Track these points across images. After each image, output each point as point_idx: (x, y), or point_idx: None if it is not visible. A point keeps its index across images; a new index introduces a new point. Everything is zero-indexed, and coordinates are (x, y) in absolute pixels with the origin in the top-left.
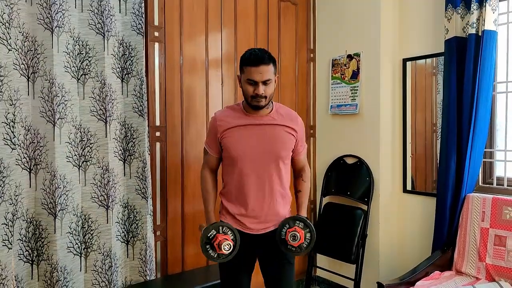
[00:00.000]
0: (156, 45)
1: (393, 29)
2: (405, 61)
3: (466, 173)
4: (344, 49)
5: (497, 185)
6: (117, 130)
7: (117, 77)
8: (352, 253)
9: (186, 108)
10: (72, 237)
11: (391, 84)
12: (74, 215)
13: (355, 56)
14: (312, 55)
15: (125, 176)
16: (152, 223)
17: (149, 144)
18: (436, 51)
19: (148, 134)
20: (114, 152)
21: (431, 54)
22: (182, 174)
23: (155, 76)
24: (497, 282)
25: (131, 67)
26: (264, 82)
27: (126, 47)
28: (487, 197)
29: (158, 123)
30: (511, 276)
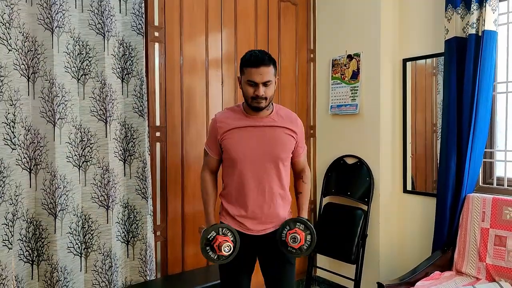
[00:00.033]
0: (156, 45)
1: (393, 29)
2: (405, 61)
3: (466, 173)
4: (344, 49)
5: (497, 185)
6: (117, 130)
7: (117, 77)
8: (352, 253)
9: (186, 108)
10: (72, 237)
11: (391, 84)
12: (74, 215)
13: (355, 56)
14: (312, 55)
15: (125, 176)
16: (152, 223)
17: (149, 144)
18: (436, 51)
19: (148, 134)
20: (114, 152)
21: (431, 54)
22: (182, 174)
23: (155, 76)
24: (497, 282)
25: (131, 67)
26: (264, 83)
27: (126, 47)
28: (487, 197)
29: (158, 123)
30: (511, 276)
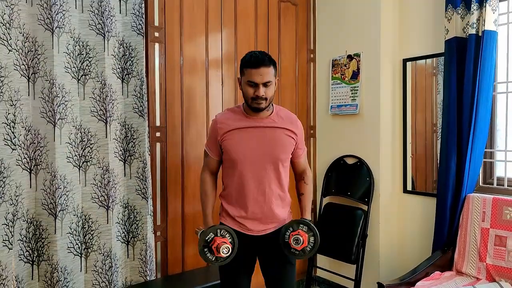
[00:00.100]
0: (156, 45)
1: (393, 30)
2: (405, 61)
3: (466, 173)
4: (344, 49)
5: (497, 185)
6: (117, 131)
7: (118, 77)
8: (352, 253)
9: (186, 108)
10: (73, 237)
11: (391, 85)
12: (75, 215)
13: (355, 57)
14: (312, 55)
15: (125, 177)
16: (152, 223)
17: (149, 145)
18: (436, 51)
19: (148, 135)
20: (115, 152)
21: (431, 54)
22: (182, 174)
23: (155, 77)
24: (498, 283)
25: (131, 67)
26: (264, 84)
27: (127, 47)
28: (487, 197)
29: (158, 123)
30: (511, 276)
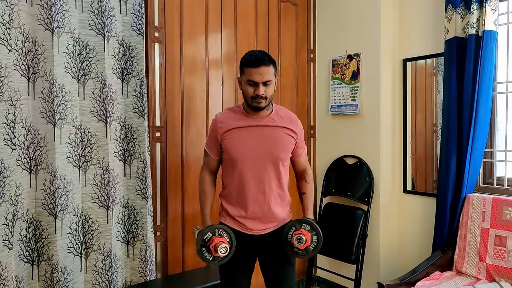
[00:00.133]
0: (156, 45)
1: (393, 30)
2: (405, 61)
3: (466, 173)
4: (344, 49)
5: (497, 185)
6: (117, 131)
7: (118, 77)
8: (352, 253)
9: (186, 108)
10: (73, 237)
11: (391, 85)
12: (75, 215)
13: (355, 57)
14: (312, 55)
15: (125, 177)
16: (152, 223)
17: (149, 145)
18: (436, 51)
19: (148, 135)
20: (115, 152)
21: (431, 54)
22: (182, 174)
23: (155, 77)
24: (498, 283)
25: (131, 67)
26: (264, 83)
27: (127, 47)
28: (487, 197)
29: (158, 123)
30: (511, 276)
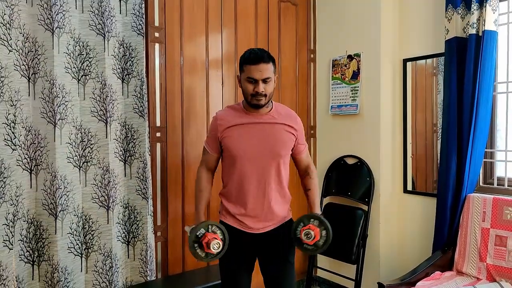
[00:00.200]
0: (157, 45)
1: (393, 30)
2: (405, 61)
3: (466, 173)
4: (344, 49)
5: (497, 185)
6: (117, 131)
7: (118, 77)
8: (353, 254)
9: (186, 108)
10: (73, 237)
11: (391, 85)
12: (75, 215)
13: (355, 57)
14: (312, 55)
15: (125, 177)
16: (152, 223)
17: (149, 145)
18: (437, 51)
19: (149, 135)
20: (115, 152)
21: (431, 54)
22: (182, 174)
23: (156, 77)
24: (498, 283)
25: (131, 67)
26: (264, 80)
27: (127, 47)
28: (487, 197)
29: (158, 123)
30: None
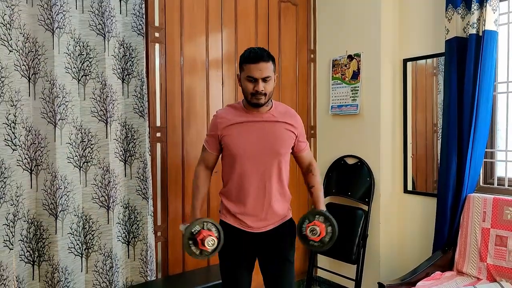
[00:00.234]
0: (157, 46)
1: (393, 30)
2: (405, 61)
3: (466, 173)
4: (344, 49)
5: (498, 185)
6: (117, 131)
7: (118, 78)
8: (353, 254)
9: (186, 108)
10: (73, 237)
11: (391, 85)
12: (75, 215)
13: (355, 57)
14: (312, 55)
15: (125, 177)
16: (152, 223)
17: (149, 145)
18: (437, 51)
19: (149, 135)
20: (115, 153)
21: (431, 54)
22: (182, 174)
23: (156, 77)
24: (498, 283)
25: (131, 68)
26: (263, 79)
27: (127, 48)
28: (488, 197)
29: (158, 123)
30: None
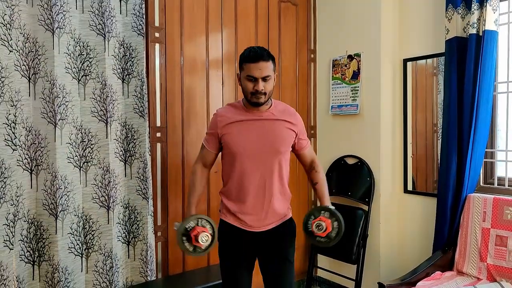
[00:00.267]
0: (157, 46)
1: (393, 30)
2: (405, 61)
3: (467, 173)
4: (344, 49)
5: (498, 185)
6: (117, 131)
7: (118, 78)
8: (353, 254)
9: (186, 108)
10: (73, 237)
11: (391, 85)
12: (75, 215)
13: (355, 57)
14: (312, 55)
15: (126, 177)
16: (153, 223)
17: (149, 145)
18: (437, 51)
19: (149, 135)
20: (115, 153)
21: (431, 54)
22: (182, 174)
23: (156, 77)
24: (498, 283)
25: (131, 68)
26: (263, 78)
27: (127, 48)
28: (488, 197)
29: (158, 123)
30: None
